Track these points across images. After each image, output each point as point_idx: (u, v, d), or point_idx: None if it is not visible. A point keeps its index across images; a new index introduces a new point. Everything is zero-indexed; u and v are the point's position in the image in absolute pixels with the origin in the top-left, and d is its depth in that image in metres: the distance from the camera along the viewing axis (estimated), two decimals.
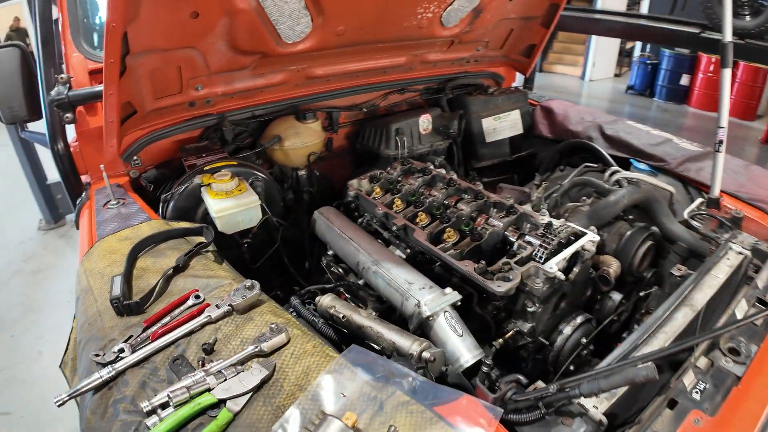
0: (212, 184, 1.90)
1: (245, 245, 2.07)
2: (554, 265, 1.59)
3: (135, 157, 2.25)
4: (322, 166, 2.92)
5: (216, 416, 1.09)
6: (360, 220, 2.25)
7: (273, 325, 1.26)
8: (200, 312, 1.35)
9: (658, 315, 1.43)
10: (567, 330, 1.78)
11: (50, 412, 3.04)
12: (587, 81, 11.46)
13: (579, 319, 1.80)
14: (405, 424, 1.03)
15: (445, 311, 1.53)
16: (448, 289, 1.59)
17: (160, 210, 2.02)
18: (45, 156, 5.06)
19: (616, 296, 1.95)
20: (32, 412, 3.11)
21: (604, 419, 1.16)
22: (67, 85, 1.99)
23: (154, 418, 1.09)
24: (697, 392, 1.31)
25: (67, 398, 1.19)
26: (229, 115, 2.38)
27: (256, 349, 1.22)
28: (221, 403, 1.12)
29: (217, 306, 1.37)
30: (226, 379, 1.16)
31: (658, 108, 9.85)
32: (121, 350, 1.26)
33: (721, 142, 2.00)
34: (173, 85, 2.16)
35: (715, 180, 2.07)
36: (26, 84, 2.21)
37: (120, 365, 1.22)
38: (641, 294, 1.93)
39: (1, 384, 3.43)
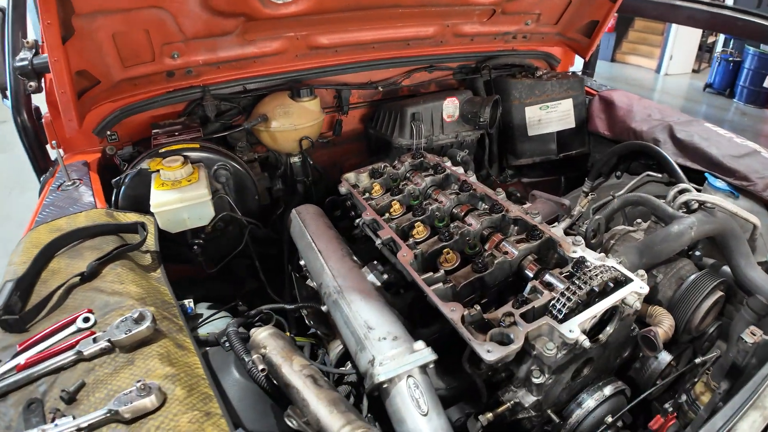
0: (160, 170, 1.56)
1: (195, 247, 1.72)
2: (576, 328, 1.12)
3: (110, 132, 1.99)
4: (330, 153, 2.55)
5: None
6: (357, 221, 1.85)
7: (139, 383, 0.91)
8: (76, 344, 1.04)
9: (715, 427, 0.94)
10: (589, 403, 1.32)
11: None
12: (662, 75, 10.36)
13: (607, 390, 1.34)
14: None
15: (410, 376, 1.11)
16: (419, 344, 1.17)
17: (113, 197, 1.73)
18: None
19: (664, 357, 1.46)
20: None
21: None
22: (33, 50, 1.73)
23: None
24: None
25: None
26: (215, 88, 2.05)
27: (109, 414, 0.89)
28: None
29: (94, 339, 1.04)
30: None
31: (737, 110, 8.76)
32: None
33: None
34: (143, 51, 1.86)
35: None
36: (4, 49, 1.99)
37: None
38: (697, 361, 1.42)
39: None
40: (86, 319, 1.13)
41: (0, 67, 1.99)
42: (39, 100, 2.06)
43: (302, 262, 1.70)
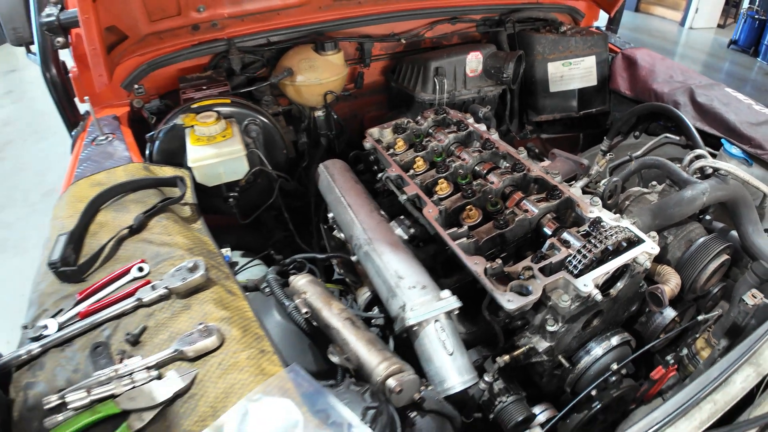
0: (195, 126, 1.62)
1: (231, 200, 1.81)
2: (590, 282, 1.22)
3: (137, 86, 2.02)
4: (351, 105, 2.58)
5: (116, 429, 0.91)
6: (380, 176, 1.92)
7: (200, 325, 1.02)
8: (135, 292, 1.15)
9: (711, 377, 1.05)
10: (596, 351, 1.45)
11: None
12: (687, 28, 9.99)
13: (614, 340, 1.45)
14: None
15: (437, 320, 1.23)
16: (446, 292, 1.28)
17: (147, 151, 1.79)
18: None
19: (669, 313, 1.57)
20: None
21: None
22: (59, 5, 1.74)
23: (53, 419, 0.94)
24: None
25: None
26: (239, 41, 2.07)
27: (176, 352, 1.00)
28: (124, 414, 0.93)
29: (152, 287, 1.15)
30: (135, 386, 0.96)
31: (761, 70, 8.40)
32: (45, 326, 1.11)
33: None
34: (170, 5, 1.90)
35: None
36: (29, 4, 1.98)
37: (38, 346, 1.07)
38: (699, 319, 1.53)
39: None
40: (141, 269, 1.20)
41: (24, 23, 2.00)
42: (64, 54, 2.08)
43: (330, 215, 1.79)
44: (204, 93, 1.88)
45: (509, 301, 1.19)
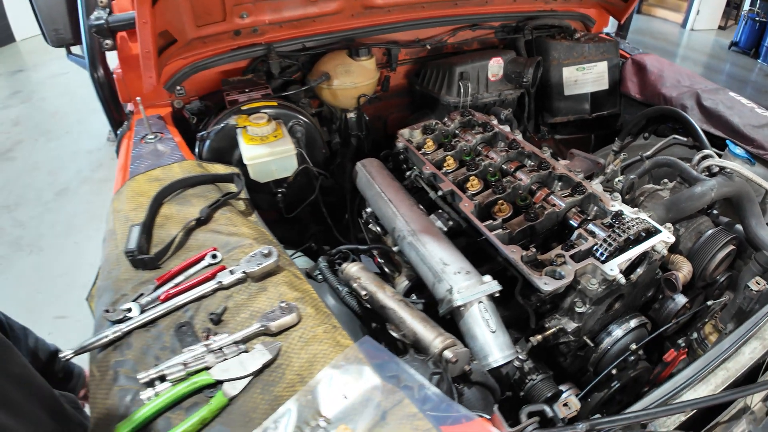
0: (247, 126, 1.76)
1: (279, 195, 1.96)
2: (615, 267, 1.38)
3: (179, 87, 2.12)
4: (376, 107, 2.71)
5: (211, 397, 1.04)
6: (408, 173, 2.06)
7: (283, 304, 1.16)
8: (213, 276, 1.28)
9: (723, 348, 1.21)
10: (617, 332, 1.59)
11: None
12: (688, 30, 10.17)
13: (633, 323, 1.60)
14: None
15: (480, 302, 1.38)
16: (487, 277, 1.43)
17: (196, 149, 1.93)
18: None
19: (680, 299, 1.71)
20: (88, 316, 3.30)
21: None
22: (107, 9, 1.84)
23: (149, 392, 1.04)
24: None
25: (72, 355, 1.16)
26: (277, 45, 2.19)
27: (262, 328, 1.14)
28: (218, 384, 1.07)
29: (230, 271, 1.28)
30: (226, 359, 1.09)
31: (761, 72, 8.56)
32: (129, 309, 1.20)
33: None
34: (216, 12, 2.00)
35: None
36: (71, 5, 2.07)
37: (125, 327, 1.17)
38: (708, 304, 1.68)
39: (62, 288, 3.56)
40: (214, 256, 1.32)
41: (66, 24, 2.11)
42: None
43: (369, 209, 1.94)
44: (248, 95, 2.01)
45: (545, 284, 1.34)
